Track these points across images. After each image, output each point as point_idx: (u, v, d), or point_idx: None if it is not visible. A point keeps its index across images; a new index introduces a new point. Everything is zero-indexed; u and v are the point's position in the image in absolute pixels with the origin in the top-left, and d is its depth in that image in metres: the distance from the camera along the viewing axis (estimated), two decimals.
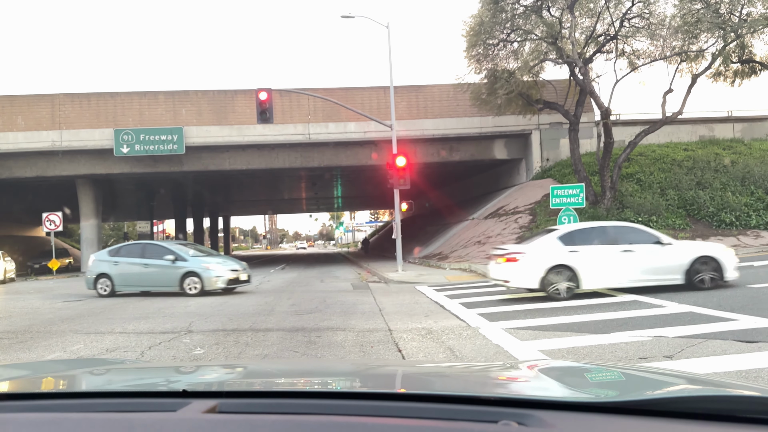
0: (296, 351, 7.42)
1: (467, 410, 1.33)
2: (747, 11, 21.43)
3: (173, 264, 15.40)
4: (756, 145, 27.68)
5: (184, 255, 15.57)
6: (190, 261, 15.44)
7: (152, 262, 15.63)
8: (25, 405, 1.52)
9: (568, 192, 18.91)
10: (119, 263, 15.95)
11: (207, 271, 15.22)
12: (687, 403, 1.37)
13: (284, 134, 27.94)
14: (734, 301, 9.57)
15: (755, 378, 5.15)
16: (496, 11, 22.29)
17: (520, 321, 8.92)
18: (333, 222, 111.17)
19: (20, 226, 44.07)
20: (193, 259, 15.53)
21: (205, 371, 2.36)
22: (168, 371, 2.43)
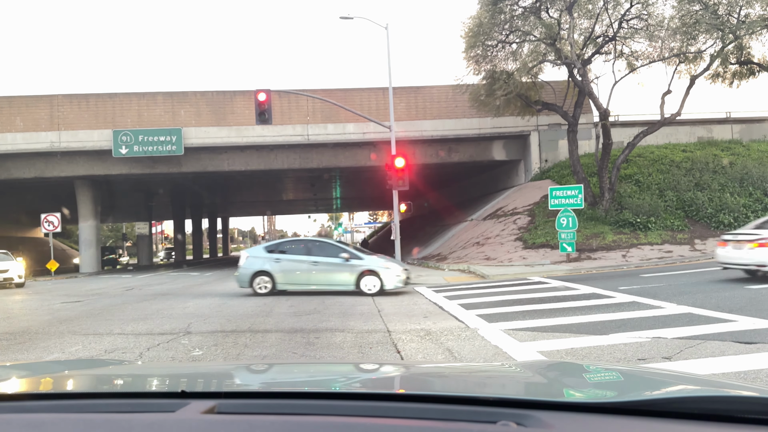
0: (295, 352, 7.42)
1: (466, 411, 1.33)
2: (745, 13, 21.48)
3: (347, 262, 14.65)
4: (754, 146, 27.74)
5: (358, 253, 15.06)
6: (367, 260, 14.81)
7: (323, 260, 14.82)
8: (23, 406, 1.52)
9: (567, 193, 18.94)
10: (281, 260, 14.96)
11: (386, 270, 14.62)
12: (685, 404, 1.37)
13: (283, 135, 27.95)
14: (733, 302, 9.58)
15: (754, 379, 5.16)
16: (495, 12, 22.32)
17: (518, 322, 8.92)
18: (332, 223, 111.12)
19: (19, 227, 44.03)
20: (369, 258, 14.93)
21: (204, 372, 2.36)
22: (166, 372, 2.43)
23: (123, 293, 17.65)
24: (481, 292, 13.46)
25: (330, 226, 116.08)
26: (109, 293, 17.83)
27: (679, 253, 19.36)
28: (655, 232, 21.27)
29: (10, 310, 13.50)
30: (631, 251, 19.83)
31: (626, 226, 21.71)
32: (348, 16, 21.73)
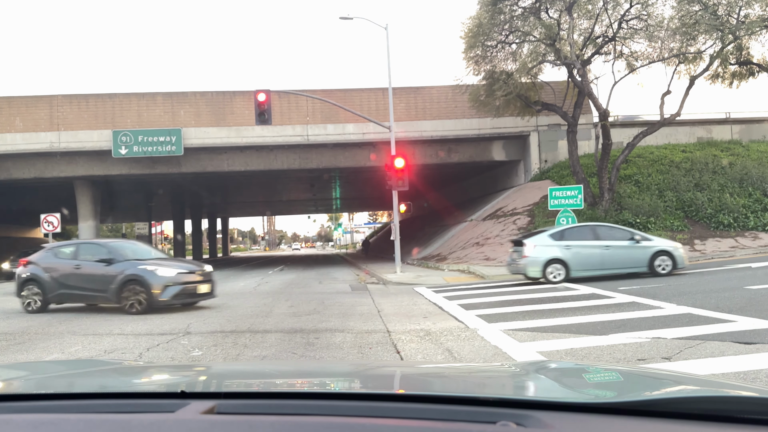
0: (294, 352, 7.42)
1: (466, 411, 1.33)
2: (745, 13, 21.50)
3: (638, 244, 14.84)
4: (754, 146, 27.75)
5: (648, 235, 15.46)
6: (657, 240, 15.24)
7: (614, 244, 14.93)
8: (23, 406, 1.52)
9: (567, 193, 18.95)
10: (572, 247, 14.87)
11: (677, 249, 14.97)
12: (685, 404, 1.38)
13: (283, 135, 27.95)
14: (732, 302, 9.58)
15: (753, 379, 5.16)
16: (495, 13, 22.33)
17: (518, 322, 8.92)
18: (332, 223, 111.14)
19: (18, 227, 44.03)
20: (658, 239, 15.42)
21: (204, 372, 2.36)
22: (166, 372, 2.43)
23: None
24: (481, 293, 13.47)
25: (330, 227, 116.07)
26: None
27: None
28: (655, 232, 21.24)
29: (9, 310, 13.49)
30: None
31: (626, 226, 21.69)
32: (348, 17, 21.74)
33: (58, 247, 13.70)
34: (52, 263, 12.90)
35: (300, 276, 24.38)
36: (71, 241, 14.25)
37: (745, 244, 20.25)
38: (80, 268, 12.44)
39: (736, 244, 20.27)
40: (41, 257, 13.22)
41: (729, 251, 19.45)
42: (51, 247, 13.81)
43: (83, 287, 12.40)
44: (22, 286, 12.94)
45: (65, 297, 12.77)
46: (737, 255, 18.85)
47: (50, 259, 13.05)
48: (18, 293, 13.02)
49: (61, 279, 12.60)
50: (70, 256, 12.91)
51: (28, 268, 13.06)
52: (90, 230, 30.74)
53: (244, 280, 22.40)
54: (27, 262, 13.23)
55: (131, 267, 12.00)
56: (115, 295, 11.86)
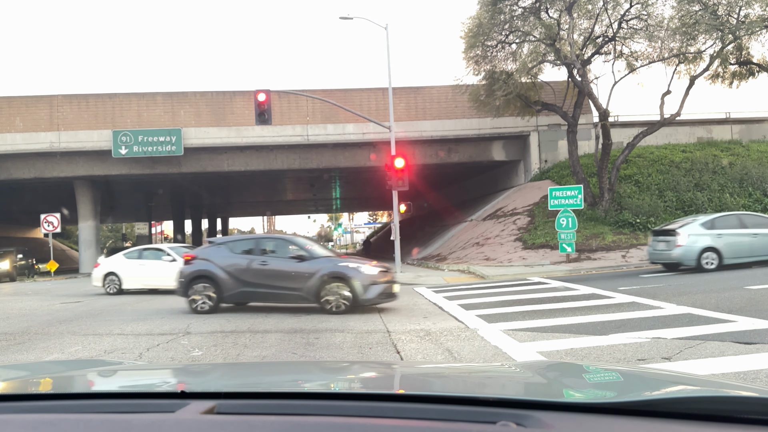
0: (294, 352, 7.42)
1: (466, 411, 1.33)
2: (745, 13, 21.49)
3: None
4: (754, 146, 27.75)
5: None
6: None
7: (761, 232, 15.34)
8: (23, 406, 1.52)
9: (567, 193, 18.94)
10: (723, 236, 15.23)
11: None
12: (685, 404, 1.38)
13: (283, 135, 27.96)
14: (732, 302, 9.58)
15: (753, 379, 5.16)
16: (495, 13, 22.32)
17: (518, 322, 8.92)
18: (331, 223, 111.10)
19: (18, 227, 44.04)
20: None
21: (204, 372, 2.36)
22: (166, 372, 2.43)
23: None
24: (481, 293, 13.46)
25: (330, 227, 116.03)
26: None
27: None
28: None
29: (9, 311, 13.50)
30: (631, 251, 19.84)
31: (626, 226, 21.72)
32: (348, 17, 21.74)
33: (233, 242, 12.37)
34: (229, 259, 11.64)
35: None
36: (244, 236, 13.40)
37: None
38: (267, 264, 11.35)
39: None
40: (213, 252, 11.89)
41: None
42: (223, 242, 12.51)
43: (271, 285, 11.30)
44: (190, 284, 11.62)
45: (247, 296, 11.69)
46: None
47: (225, 255, 11.77)
48: (184, 292, 11.71)
49: (242, 276, 11.43)
50: (250, 252, 11.76)
51: (195, 264, 11.78)
52: (90, 230, 30.75)
53: None
54: (193, 257, 11.94)
55: (331, 264, 11.16)
56: (312, 294, 10.98)
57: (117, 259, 17.82)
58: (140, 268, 17.20)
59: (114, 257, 18.16)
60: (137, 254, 17.74)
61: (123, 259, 17.64)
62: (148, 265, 17.14)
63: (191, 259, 11.98)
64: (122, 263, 17.51)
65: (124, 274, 17.28)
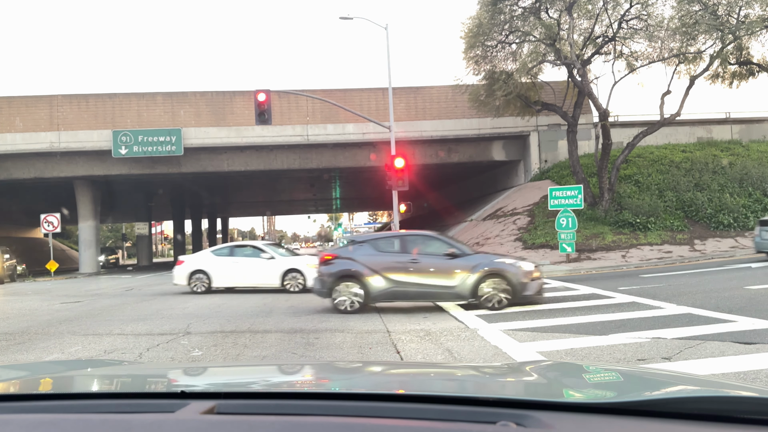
0: (294, 352, 7.42)
1: (465, 411, 1.33)
2: (745, 13, 21.50)
3: None
4: (754, 146, 27.75)
5: None
6: None
7: None
8: (22, 406, 1.52)
9: (567, 193, 18.94)
10: None
11: None
12: (685, 404, 1.38)
13: (283, 135, 27.95)
14: (732, 302, 9.58)
15: (753, 379, 5.16)
16: (495, 13, 22.32)
17: (518, 322, 8.92)
18: (331, 223, 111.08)
19: (18, 227, 44.03)
20: None
21: (204, 372, 2.36)
22: (166, 372, 2.43)
23: (122, 293, 17.65)
24: None
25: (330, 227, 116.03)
26: (109, 293, 17.83)
27: (678, 254, 19.37)
28: (655, 232, 21.28)
29: (9, 311, 13.50)
30: (631, 251, 19.84)
31: (626, 226, 21.72)
32: (348, 17, 21.75)
33: (375, 240, 11.92)
34: (375, 258, 11.25)
35: None
36: (387, 233, 12.74)
37: (745, 244, 20.24)
38: (418, 262, 11.04)
39: (736, 244, 20.27)
40: (356, 251, 11.46)
41: (729, 251, 19.44)
42: (365, 240, 11.98)
43: (423, 284, 10.96)
44: (335, 284, 11.24)
45: (396, 295, 11.21)
46: (737, 255, 18.84)
47: (370, 253, 11.37)
48: (327, 293, 11.27)
49: (391, 275, 11.08)
50: (397, 250, 11.42)
51: (338, 264, 11.34)
52: (90, 230, 30.76)
53: None
54: (335, 257, 11.56)
55: (487, 260, 10.97)
56: (469, 291, 10.69)
57: (205, 256, 16.99)
58: (233, 266, 16.30)
59: (200, 254, 17.41)
60: (228, 251, 16.88)
61: (212, 257, 16.72)
62: (242, 263, 16.28)
63: (332, 258, 11.55)
64: (212, 260, 16.55)
65: (215, 272, 16.32)
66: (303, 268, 15.79)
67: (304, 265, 15.92)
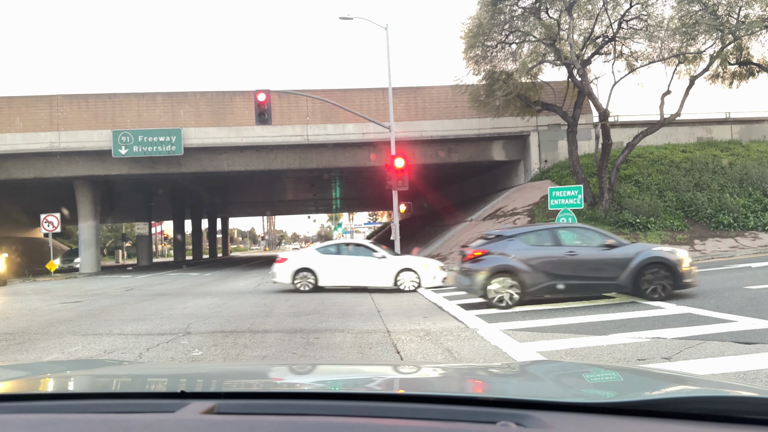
0: (294, 352, 7.42)
1: (465, 411, 1.33)
2: (745, 13, 21.49)
3: None
4: (754, 146, 27.75)
5: None
6: None
7: None
8: (22, 406, 1.52)
9: (567, 193, 18.94)
10: None
11: None
12: (685, 404, 1.38)
13: (283, 135, 27.95)
14: (732, 302, 9.58)
15: (753, 379, 5.16)
16: (495, 13, 22.32)
17: (518, 322, 8.93)
18: (331, 223, 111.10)
19: (18, 227, 44.03)
20: None
21: (204, 372, 2.36)
22: (166, 372, 2.43)
23: (122, 293, 17.65)
24: None
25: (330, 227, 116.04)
26: (109, 293, 17.83)
27: None
28: (655, 232, 21.28)
29: (9, 311, 13.50)
30: None
31: (626, 226, 21.72)
32: (348, 17, 21.75)
33: (525, 234, 11.59)
34: (529, 252, 11.03)
35: None
36: (535, 226, 12.40)
37: (745, 244, 20.25)
38: (576, 254, 10.78)
39: (736, 244, 20.27)
40: (507, 246, 11.18)
41: (729, 251, 19.45)
42: (514, 234, 11.57)
43: (581, 276, 10.74)
44: (490, 279, 10.91)
45: (553, 289, 10.90)
46: (737, 255, 18.85)
47: (523, 247, 11.13)
48: (482, 288, 10.89)
49: (548, 269, 10.82)
50: (551, 243, 11.21)
51: (491, 260, 11.06)
52: (90, 230, 30.76)
53: (245, 280, 22.40)
54: (486, 253, 11.23)
55: (646, 250, 10.90)
56: (630, 282, 10.57)
57: (310, 254, 16.46)
58: (342, 264, 15.91)
59: (304, 252, 16.96)
60: (336, 249, 16.46)
61: (318, 255, 16.25)
62: (352, 262, 15.88)
63: (483, 254, 11.24)
64: (319, 258, 16.09)
65: (322, 270, 15.86)
66: (418, 268, 15.68)
67: (419, 264, 15.88)
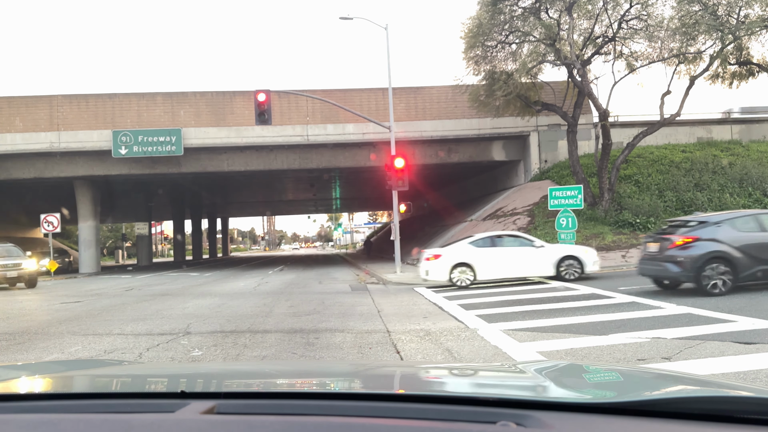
0: (294, 352, 7.42)
1: (465, 411, 1.33)
2: (745, 13, 21.49)
3: None
4: (754, 146, 27.75)
5: None
6: None
7: None
8: (22, 406, 1.52)
9: (567, 193, 18.94)
10: None
11: None
12: (685, 404, 1.38)
13: (283, 135, 27.95)
14: (732, 302, 9.59)
15: (753, 379, 5.16)
16: (495, 13, 22.32)
17: (518, 322, 8.92)
18: (331, 223, 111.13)
19: (18, 227, 44.03)
20: None
21: (204, 372, 2.36)
22: (166, 372, 2.43)
23: (122, 293, 17.65)
24: (481, 293, 13.46)
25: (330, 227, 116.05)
26: (109, 293, 17.83)
27: None
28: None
29: (9, 311, 13.50)
30: (631, 252, 19.83)
31: (626, 226, 21.72)
32: (348, 17, 21.73)
33: (731, 219, 11.52)
34: (738, 237, 11.01)
35: (300, 276, 24.37)
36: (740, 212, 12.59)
37: None
38: None
39: None
40: (716, 232, 11.20)
41: None
42: (721, 220, 11.54)
43: None
44: (703, 266, 10.92)
45: (764, 274, 10.94)
46: None
47: (732, 234, 11.10)
48: (694, 277, 10.94)
49: (757, 254, 10.86)
50: (753, 228, 11.20)
51: (702, 246, 11.07)
52: (90, 230, 30.75)
53: (244, 280, 22.41)
54: (695, 239, 11.24)
55: None
56: None
57: (465, 248, 15.92)
58: (499, 256, 15.63)
59: (457, 247, 16.23)
60: (490, 242, 16.04)
61: (473, 248, 15.80)
62: (509, 253, 15.67)
63: (693, 241, 11.32)
64: (475, 252, 15.68)
65: (479, 264, 15.50)
66: (581, 255, 15.64)
67: (581, 251, 15.85)
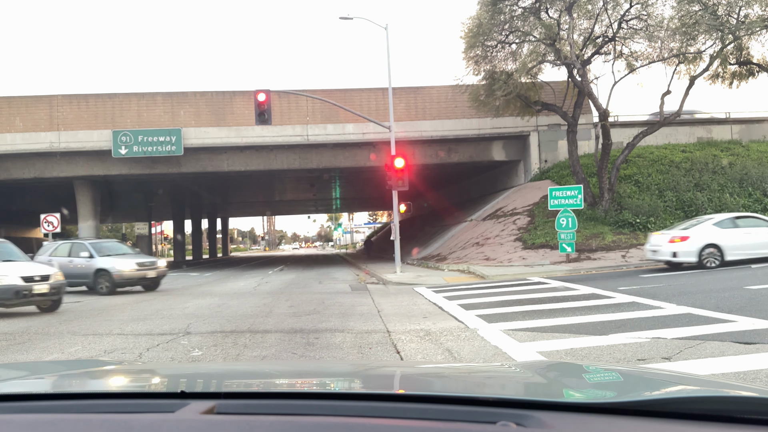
0: (294, 352, 7.42)
1: (466, 411, 1.33)
2: (745, 13, 21.49)
3: None
4: (754, 146, 27.74)
5: None
6: None
7: None
8: (22, 406, 1.52)
9: (567, 193, 18.94)
10: None
11: None
12: (685, 404, 1.38)
13: (283, 135, 27.94)
14: (732, 302, 9.58)
15: (753, 379, 5.16)
16: (495, 13, 22.32)
17: (518, 322, 8.92)
18: (331, 223, 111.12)
19: (18, 227, 44.06)
20: None
21: (204, 372, 2.36)
22: (166, 372, 2.43)
23: (122, 293, 17.63)
24: (481, 293, 13.46)
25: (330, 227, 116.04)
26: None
27: None
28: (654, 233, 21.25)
29: (9, 310, 13.48)
30: (631, 251, 19.83)
31: (626, 226, 21.71)
32: (348, 17, 21.73)
33: None
34: None
35: (300, 276, 24.38)
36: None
37: None
38: None
39: None
40: None
41: None
42: None
43: None
44: None
45: None
46: None
47: None
48: None
49: None
50: None
51: None
52: (90, 230, 30.73)
53: (244, 280, 22.41)
54: None
55: None
56: None
57: (710, 229, 16.31)
58: (744, 236, 16.13)
59: (703, 228, 16.47)
60: (731, 223, 16.47)
61: (719, 230, 16.22)
62: (753, 233, 16.20)
63: None
64: (722, 233, 16.12)
65: (727, 245, 15.96)
66: None
67: None
